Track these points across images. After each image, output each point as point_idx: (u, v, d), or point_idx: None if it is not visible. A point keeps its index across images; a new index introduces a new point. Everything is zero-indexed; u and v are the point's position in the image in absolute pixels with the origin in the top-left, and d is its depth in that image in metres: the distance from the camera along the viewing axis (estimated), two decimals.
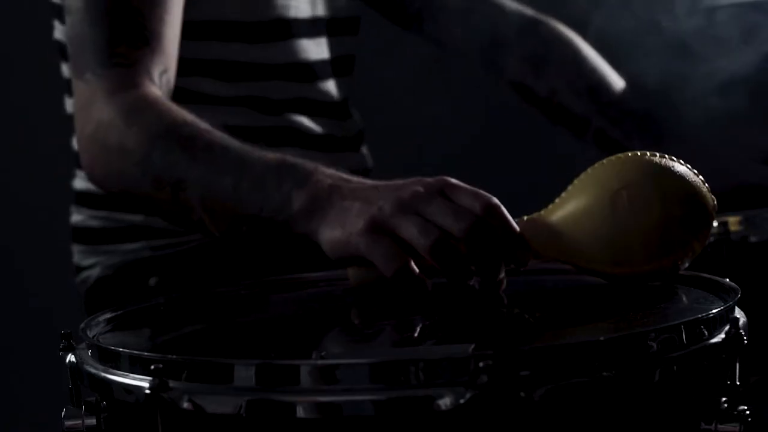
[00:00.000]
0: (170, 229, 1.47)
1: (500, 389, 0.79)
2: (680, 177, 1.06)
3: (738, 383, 0.88)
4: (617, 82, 1.66)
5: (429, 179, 1.11)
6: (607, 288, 1.09)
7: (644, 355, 0.84)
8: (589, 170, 1.08)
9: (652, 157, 1.07)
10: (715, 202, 1.07)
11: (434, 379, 0.80)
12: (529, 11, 1.69)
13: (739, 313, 0.94)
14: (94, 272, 1.52)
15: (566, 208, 1.08)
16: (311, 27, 1.53)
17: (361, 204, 1.11)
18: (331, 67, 1.56)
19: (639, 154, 1.07)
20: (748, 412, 0.87)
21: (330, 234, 1.12)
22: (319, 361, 0.83)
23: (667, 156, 1.07)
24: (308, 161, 1.20)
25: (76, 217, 1.54)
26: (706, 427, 0.87)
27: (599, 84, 1.67)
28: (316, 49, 1.54)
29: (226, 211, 1.23)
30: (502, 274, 1.08)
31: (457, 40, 1.69)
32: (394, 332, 1.00)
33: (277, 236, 1.20)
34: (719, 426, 0.87)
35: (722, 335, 0.88)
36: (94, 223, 1.52)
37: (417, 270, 1.08)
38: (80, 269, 1.54)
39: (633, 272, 1.06)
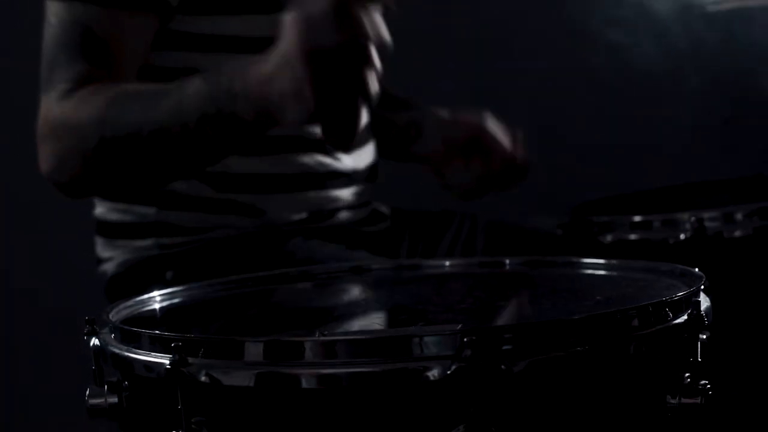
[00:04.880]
0: (180, 225, 1.54)
1: (483, 362, 0.87)
2: None
3: (700, 360, 0.96)
4: None
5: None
6: (592, 278, 1.18)
7: (614, 332, 0.92)
8: None
9: None
10: None
11: (424, 353, 0.88)
12: None
13: (703, 297, 1.02)
14: (109, 268, 1.59)
15: None
16: None
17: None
18: None
19: None
20: (709, 386, 0.95)
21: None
22: (321, 338, 0.91)
23: None
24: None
25: (99, 209, 1.60)
26: (672, 401, 0.95)
27: None
28: None
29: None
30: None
31: None
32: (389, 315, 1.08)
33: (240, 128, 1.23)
34: (683, 399, 0.95)
35: (685, 316, 0.96)
36: (113, 216, 1.58)
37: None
38: (100, 261, 1.61)
39: None
